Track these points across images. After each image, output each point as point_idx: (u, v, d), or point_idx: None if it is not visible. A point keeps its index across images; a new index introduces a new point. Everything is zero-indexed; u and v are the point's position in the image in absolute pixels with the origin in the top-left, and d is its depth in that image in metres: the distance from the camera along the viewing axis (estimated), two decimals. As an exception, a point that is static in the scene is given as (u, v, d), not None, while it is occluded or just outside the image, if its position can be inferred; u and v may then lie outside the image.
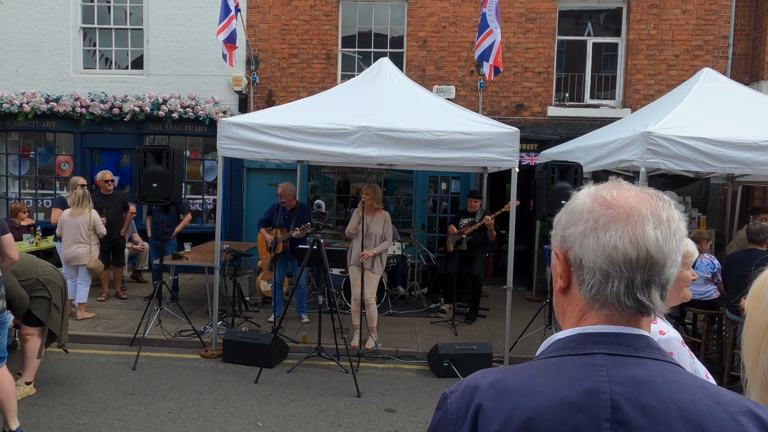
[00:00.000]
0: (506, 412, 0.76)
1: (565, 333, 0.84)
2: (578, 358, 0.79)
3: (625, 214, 0.79)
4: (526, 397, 0.77)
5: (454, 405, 0.82)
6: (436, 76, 9.28)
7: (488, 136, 5.39)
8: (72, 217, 6.66)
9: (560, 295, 0.88)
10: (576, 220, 0.83)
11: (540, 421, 0.74)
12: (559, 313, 0.90)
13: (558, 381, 0.77)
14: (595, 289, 0.80)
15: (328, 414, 4.40)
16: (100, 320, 6.70)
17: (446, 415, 0.83)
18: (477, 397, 0.79)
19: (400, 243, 8.02)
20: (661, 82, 9.01)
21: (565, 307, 0.87)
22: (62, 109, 9.48)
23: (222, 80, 9.59)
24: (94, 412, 4.28)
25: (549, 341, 0.87)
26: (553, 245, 0.89)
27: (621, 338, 0.79)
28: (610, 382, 0.75)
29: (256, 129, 5.61)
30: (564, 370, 0.78)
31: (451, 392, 0.85)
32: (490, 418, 0.77)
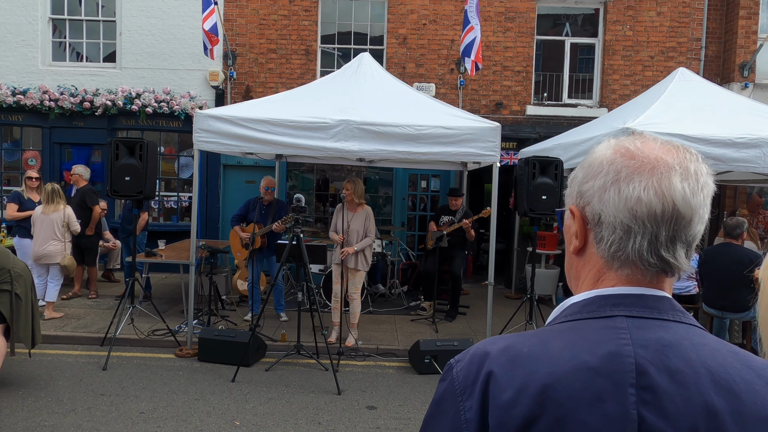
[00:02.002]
0: (520, 380, 0.69)
1: (580, 296, 0.78)
2: (597, 321, 0.73)
3: (649, 165, 0.73)
4: (541, 362, 0.70)
5: (461, 374, 0.75)
6: (416, 74, 9.25)
7: (470, 130, 5.36)
8: (45, 214, 6.39)
9: (574, 257, 0.82)
10: (595, 173, 0.77)
11: (558, 388, 0.67)
12: (572, 277, 0.84)
13: (576, 345, 0.70)
14: (615, 247, 0.74)
15: (307, 412, 4.29)
16: (68, 320, 6.44)
17: (452, 386, 0.75)
18: (487, 364, 0.72)
19: (380, 241, 7.94)
20: (636, 83, 9.15)
21: (579, 270, 0.81)
22: (29, 102, 9.13)
23: (198, 75, 9.38)
24: (61, 413, 4.09)
25: (561, 306, 0.81)
26: (568, 203, 0.83)
27: (643, 300, 0.73)
28: (634, 346, 0.69)
29: (233, 122, 5.47)
30: (582, 334, 0.72)
31: (456, 361, 0.78)
32: (502, 386, 0.70)
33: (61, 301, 7.14)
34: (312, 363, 5.37)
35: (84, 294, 7.56)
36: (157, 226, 9.51)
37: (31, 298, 4.44)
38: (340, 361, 5.41)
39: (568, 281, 0.87)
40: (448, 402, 0.75)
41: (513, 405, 0.68)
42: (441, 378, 0.80)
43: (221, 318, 6.61)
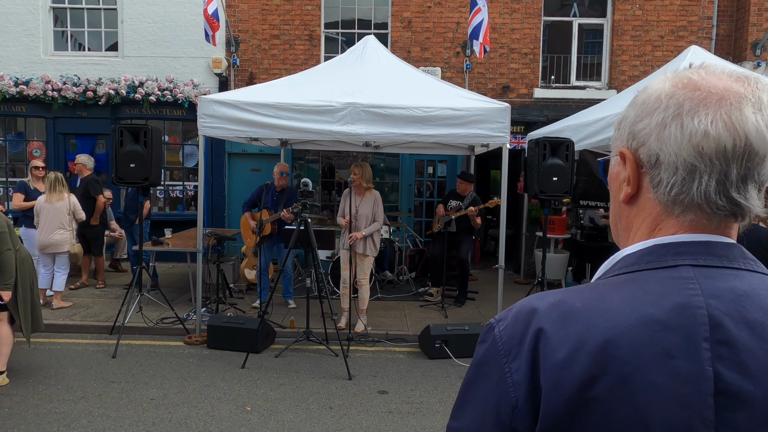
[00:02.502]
0: (576, 336, 0.62)
1: (635, 247, 0.70)
2: (658, 272, 0.66)
3: (717, 96, 0.65)
4: (599, 317, 0.63)
5: (505, 333, 0.68)
6: (422, 58, 9.11)
7: (479, 111, 5.26)
8: (50, 203, 6.36)
9: (624, 206, 0.74)
10: (651, 109, 0.69)
11: (621, 344, 0.60)
12: (621, 229, 0.76)
13: (637, 298, 0.63)
14: (676, 190, 0.67)
15: (319, 397, 4.26)
16: (77, 309, 6.43)
17: (495, 347, 0.68)
18: (535, 321, 0.65)
19: (387, 227, 7.87)
20: (646, 63, 8.98)
21: (630, 220, 0.73)
22: (32, 92, 9.07)
23: (201, 62, 9.28)
24: (72, 400, 4.07)
25: (613, 260, 0.73)
26: (617, 147, 0.75)
27: (709, 247, 0.66)
28: (705, 296, 0.62)
29: (238, 107, 5.39)
30: (642, 285, 0.65)
31: (498, 320, 0.71)
32: (554, 344, 0.63)
33: (69, 291, 7.13)
34: (322, 349, 5.33)
35: (92, 284, 7.56)
36: (162, 215, 9.49)
37: (30, 285, 4.40)
38: (350, 347, 5.37)
39: (615, 235, 0.79)
40: (491, 365, 0.68)
41: (569, 364, 0.61)
42: (480, 340, 0.73)
43: (229, 306, 6.59)
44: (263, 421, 3.83)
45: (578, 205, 9.01)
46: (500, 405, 0.65)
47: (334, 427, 3.77)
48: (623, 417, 0.58)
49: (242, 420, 3.83)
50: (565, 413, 0.60)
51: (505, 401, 0.65)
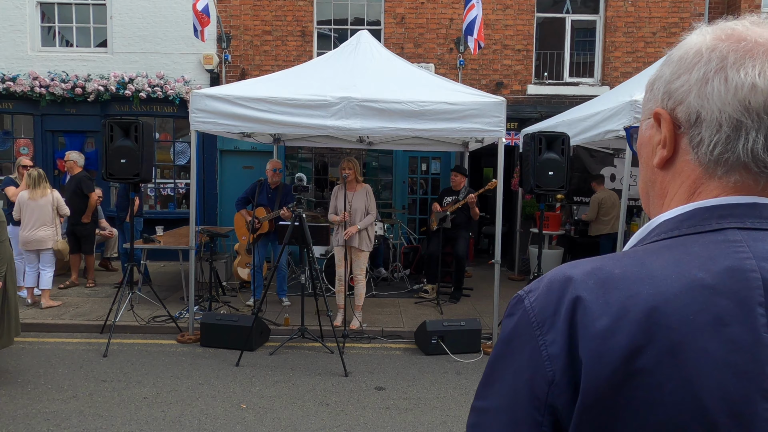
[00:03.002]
0: (618, 304, 0.57)
1: (673, 212, 0.66)
2: (702, 236, 0.61)
3: (765, 46, 0.61)
4: (642, 284, 0.58)
5: (538, 304, 0.63)
6: (415, 54, 9.07)
7: (474, 105, 5.22)
8: (33, 199, 6.24)
9: (659, 172, 0.69)
10: (690, 65, 0.65)
11: (668, 311, 0.55)
12: (655, 196, 0.71)
13: (682, 263, 0.59)
14: (719, 149, 0.62)
15: (315, 393, 4.20)
16: (66, 308, 6.32)
17: (526, 319, 0.63)
18: (571, 290, 0.61)
19: (382, 224, 7.83)
20: (639, 60, 9.01)
21: (666, 185, 0.69)
22: (19, 89, 8.91)
23: (192, 58, 9.17)
24: (62, 400, 3.98)
25: (647, 227, 0.69)
26: (650, 109, 0.70)
27: (757, 209, 0.61)
28: (757, 259, 0.57)
29: (231, 101, 5.31)
30: (687, 250, 0.60)
31: (528, 291, 0.66)
32: (594, 312, 0.58)
33: (58, 290, 7.01)
34: (317, 346, 5.27)
35: (81, 283, 7.43)
36: (154, 213, 9.36)
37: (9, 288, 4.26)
38: (346, 344, 5.31)
39: (646, 204, 0.75)
40: (522, 338, 0.63)
41: (611, 334, 0.56)
42: (507, 314, 0.68)
43: (223, 304, 6.50)
44: (259, 418, 3.76)
45: (572, 201, 9.03)
46: (534, 381, 0.60)
47: (331, 423, 3.71)
48: (672, 389, 0.53)
49: (237, 418, 3.76)
50: (608, 386, 0.55)
51: (540, 376, 0.60)
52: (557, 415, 0.59)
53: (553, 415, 0.59)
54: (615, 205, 7.57)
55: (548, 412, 0.59)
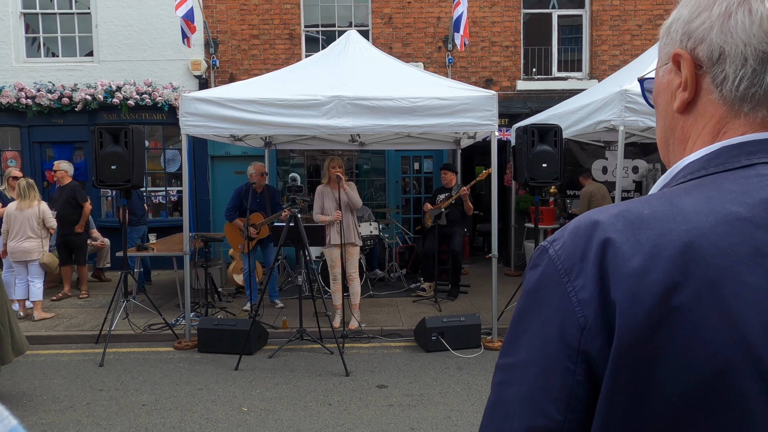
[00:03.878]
0: (650, 243, 0.55)
1: (698, 153, 0.64)
2: (731, 173, 0.59)
3: None
4: (674, 221, 0.56)
5: (563, 251, 0.61)
6: (403, 54, 9.07)
7: (466, 100, 5.22)
8: (20, 210, 6.15)
9: (679, 117, 0.67)
10: (710, 1, 0.63)
11: (704, 246, 0.53)
12: (675, 143, 0.69)
13: (714, 198, 0.56)
14: (745, 83, 0.60)
15: (317, 394, 4.16)
16: (60, 320, 6.22)
17: (552, 268, 0.61)
18: (599, 232, 0.58)
19: (377, 224, 7.79)
20: (626, 53, 9.07)
21: (687, 130, 0.67)
22: (5, 100, 8.82)
23: (180, 65, 9.12)
24: (59, 410, 3.91)
25: (671, 172, 0.66)
26: (668, 53, 0.68)
27: None
28: None
29: (221, 103, 5.27)
30: (717, 186, 0.58)
31: (552, 241, 0.64)
32: (626, 253, 0.55)
33: (51, 302, 6.91)
34: (316, 348, 5.23)
35: (75, 294, 7.33)
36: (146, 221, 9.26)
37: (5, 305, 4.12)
38: (345, 344, 5.27)
39: (666, 153, 0.72)
40: (548, 288, 0.61)
41: (645, 272, 0.54)
42: (530, 266, 0.65)
43: (219, 309, 6.44)
44: (261, 420, 3.71)
45: (565, 195, 9.06)
46: (565, 328, 0.58)
47: (334, 422, 3.67)
48: (713, 325, 0.51)
49: (239, 421, 3.71)
50: (646, 326, 0.53)
51: (571, 323, 0.57)
52: (591, 362, 0.56)
53: (587, 362, 0.56)
54: (605, 198, 7.60)
55: (581, 360, 0.57)
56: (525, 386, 0.61)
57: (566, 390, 0.57)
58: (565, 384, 0.57)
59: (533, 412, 0.59)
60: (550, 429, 0.58)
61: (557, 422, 0.58)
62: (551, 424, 0.58)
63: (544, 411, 0.58)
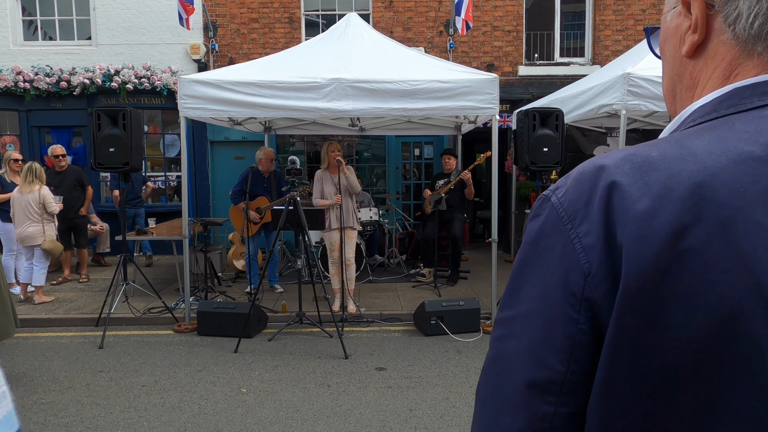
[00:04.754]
0: (659, 184, 0.52)
1: (710, 96, 0.61)
2: (744, 114, 0.56)
3: None
4: (684, 162, 0.53)
5: (567, 198, 0.58)
6: (404, 38, 8.97)
7: (467, 83, 5.17)
8: (21, 194, 6.13)
9: (688, 61, 0.65)
10: None
11: (716, 186, 0.51)
12: (683, 89, 0.66)
13: (727, 139, 0.54)
14: (760, 20, 0.57)
15: (316, 376, 4.16)
16: (60, 303, 6.23)
17: (554, 216, 0.58)
18: (605, 176, 0.56)
19: (376, 209, 7.77)
20: (629, 38, 8.97)
21: (696, 75, 0.64)
22: (2, 84, 8.74)
23: (178, 48, 9.03)
24: (58, 391, 3.92)
25: (680, 117, 0.64)
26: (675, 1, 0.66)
27: None
28: None
29: (220, 86, 5.22)
30: (729, 127, 0.55)
31: (554, 189, 0.61)
32: (633, 195, 0.53)
33: (51, 286, 6.91)
34: (316, 331, 5.23)
35: (74, 279, 7.34)
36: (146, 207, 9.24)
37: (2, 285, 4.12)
38: (344, 328, 5.27)
39: (673, 103, 0.69)
40: (551, 236, 0.58)
41: (653, 215, 0.51)
42: (532, 216, 0.63)
43: (219, 293, 6.44)
44: (260, 401, 3.72)
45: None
46: (568, 276, 0.56)
47: (333, 404, 3.68)
48: (725, 267, 0.49)
49: (238, 401, 3.72)
50: (653, 270, 0.50)
51: (575, 270, 0.55)
52: (595, 309, 0.54)
53: (591, 310, 0.54)
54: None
55: (585, 308, 0.54)
56: (525, 338, 0.59)
57: (569, 340, 0.55)
58: (567, 334, 0.55)
59: (534, 364, 0.57)
60: (551, 381, 0.56)
61: (559, 374, 0.56)
62: (553, 375, 0.56)
63: (545, 362, 0.56)
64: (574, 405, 0.55)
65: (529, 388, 0.57)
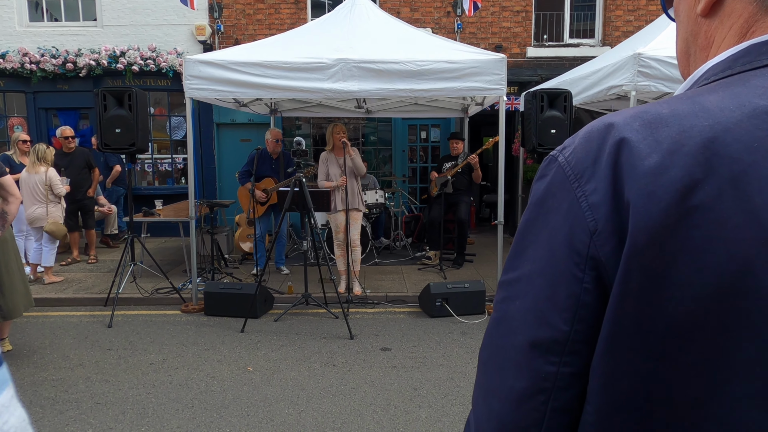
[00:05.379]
0: (669, 140, 0.51)
1: (725, 53, 0.59)
2: (761, 70, 0.54)
3: None
4: (695, 118, 0.52)
5: (574, 156, 0.57)
6: (411, 19, 8.86)
7: (474, 63, 5.10)
8: (28, 173, 6.16)
9: (703, 21, 0.62)
10: None
11: (728, 141, 0.49)
12: (698, 49, 0.64)
13: (741, 94, 0.52)
14: None
15: (321, 355, 4.20)
16: (69, 283, 6.30)
17: (561, 174, 0.57)
18: (613, 133, 0.54)
19: (382, 192, 7.76)
20: (640, 18, 8.81)
21: (711, 34, 0.62)
22: (9, 65, 8.74)
23: (184, 29, 8.97)
24: (68, 368, 3.98)
25: (695, 76, 0.62)
26: None
27: None
28: None
29: (225, 66, 5.19)
30: (744, 83, 0.54)
31: (562, 148, 0.60)
32: (642, 151, 0.52)
33: (60, 267, 6.98)
34: (322, 312, 5.27)
35: (83, 260, 7.41)
36: (152, 189, 9.30)
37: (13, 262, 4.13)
38: (349, 309, 5.30)
39: (686, 65, 0.67)
40: (557, 195, 0.57)
41: (663, 170, 0.50)
42: (539, 176, 0.62)
43: (226, 275, 6.48)
44: (266, 379, 3.76)
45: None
46: (573, 235, 0.55)
47: (338, 382, 3.71)
48: (736, 224, 0.48)
49: (244, 379, 3.76)
50: (661, 227, 0.49)
51: (580, 229, 0.54)
52: (600, 268, 0.53)
53: (596, 269, 0.53)
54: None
55: (590, 267, 0.54)
56: (529, 299, 0.58)
57: (573, 299, 0.54)
58: (572, 293, 0.55)
59: (537, 324, 0.57)
60: (554, 340, 0.55)
61: (563, 333, 0.55)
62: (556, 335, 0.55)
63: (549, 322, 0.56)
64: (578, 365, 0.55)
65: (532, 348, 0.56)
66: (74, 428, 3.11)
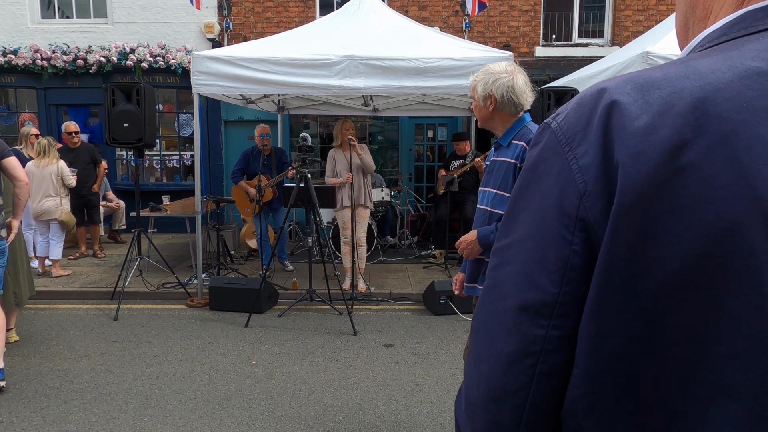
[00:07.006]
0: (660, 102, 0.51)
1: (722, 21, 0.59)
2: (755, 35, 0.54)
3: None
4: (687, 80, 0.52)
5: (566, 122, 0.57)
6: (419, 17, 8.85)
7: (481, 61, 5.08)
8: (38, 168, 6.22)
9: None
10: None
11: (719, 100, 0.49)
12: (696, 20, 0.63)
13: (734, 57, 0.52)
14: None
15: (324, 350, 4.20)
16: (76, 277, 6.35)
17: (553, 140, 0.57)
18: (605, 97, 0.54)
19: (388, 190, 7.76)
20: (650, 18, 8.75)
21: (709, 4, 0.60)
22: (21, 62, 8.83)
23: (193, 27, 9.03)
24: (74, 359, 4.01)
25: (691, 44, 0.62)
26: None
27: None
28: None
29: (233, 62, 5.22)
30: (739, 47, 0.53)
31: (555, 115, 0.60)
32: (633, 113, 0.52)
33: (68, 261, 7.05)
34: (325, 308, 5.27)
35: (90, 254, 7.46)
36: (160, 185, 9.36)
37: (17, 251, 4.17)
38: (354, 305, 5.31)
39: (685, 37, 0.67)
40: (548, 161, 0.57)
41: (652, 130, 0.50)
42: (532, 144, 0.62)
43: (231, 270, 6.51)
44: (269, 373, 3.77)
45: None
46: (563, 198, 0.54)
47: (340, 377, 3.72)
48: (724, 182, 0.47)
49: (247, 373, 3.77)
50: (649, 186, 0.49)
51: (570, 191, 0.54)
52: (589, 230, 0.53)
53: (585, 231, 0.53)
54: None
55: (579, 228, 0.53)
56: (519, 263, 0.58)
57: (562, 261, 0.54)
58: (561, 255, 0.54)
59: (526, 287, 0.57)
60: (543, 303, 0.55)
61: (551, 295, 0.55)
62: (545, 297, 0.55)
63: (538, 284, 0.56)
64: (566, 328, 0.55)
65: (522, 311, 0.56)
66: (78, 417, 3.14)
